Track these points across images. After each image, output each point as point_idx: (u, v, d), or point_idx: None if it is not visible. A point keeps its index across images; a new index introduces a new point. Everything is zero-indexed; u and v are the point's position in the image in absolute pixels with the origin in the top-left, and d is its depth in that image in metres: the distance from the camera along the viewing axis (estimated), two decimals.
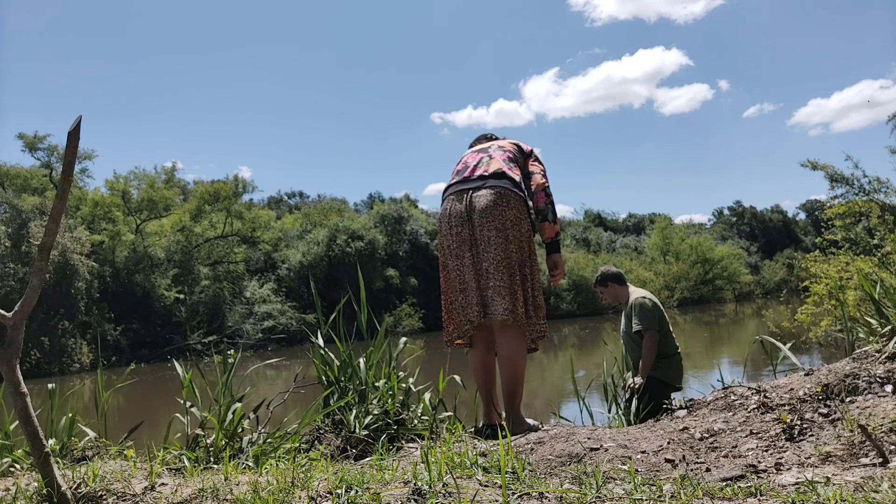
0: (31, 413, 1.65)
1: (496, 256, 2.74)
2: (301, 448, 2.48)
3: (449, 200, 2.93)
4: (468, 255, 2.80)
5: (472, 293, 2.77)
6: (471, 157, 3.06)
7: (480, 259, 2.78)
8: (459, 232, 2.82)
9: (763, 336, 3.22)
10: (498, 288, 2.72)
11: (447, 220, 2.89)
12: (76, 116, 1.61)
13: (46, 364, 20.83)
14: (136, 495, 1.77)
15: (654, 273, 43.49)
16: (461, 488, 1.55)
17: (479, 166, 2.96)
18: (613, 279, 4.67)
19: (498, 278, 2.73)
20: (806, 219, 61.54)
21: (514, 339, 2.77)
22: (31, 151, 27.63)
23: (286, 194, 61.53)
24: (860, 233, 11.38)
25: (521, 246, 2.80)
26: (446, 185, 3.06)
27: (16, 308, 1.68)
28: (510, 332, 2.77)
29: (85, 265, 23.37)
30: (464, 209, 2.84)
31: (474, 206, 2.82)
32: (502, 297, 2.71)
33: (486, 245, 2.76)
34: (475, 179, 2.90)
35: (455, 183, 2.97)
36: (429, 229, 35.87)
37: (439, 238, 2.98)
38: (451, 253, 2.86)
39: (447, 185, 3.03)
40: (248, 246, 31.61)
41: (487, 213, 2.77)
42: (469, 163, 3.01)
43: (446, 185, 3.04)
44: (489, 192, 2.81)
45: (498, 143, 3.16)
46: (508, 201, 2.80)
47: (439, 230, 2.98)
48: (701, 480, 1.69)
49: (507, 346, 2.78)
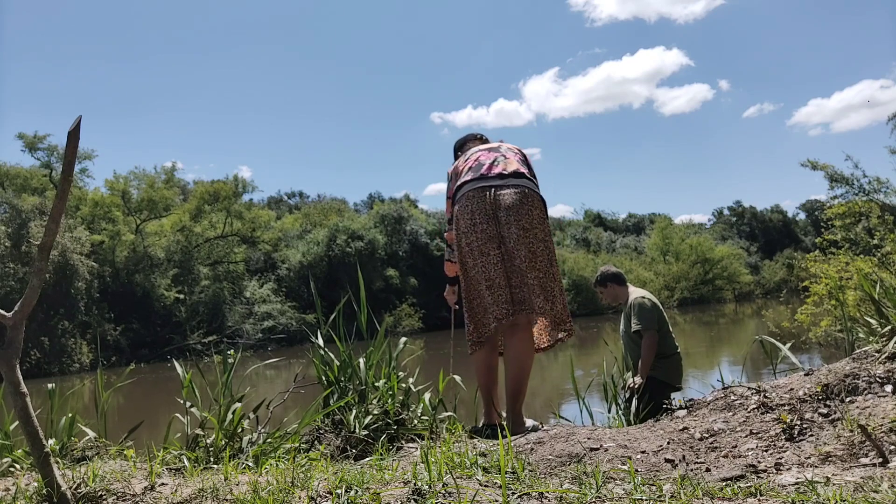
0: (30, 413, 1.65)
1: (528, 254, 2.71)
2: (301, 448, 2.48)
3: (468, 197, 2.85)
4: (495, 252, 2.75)
5: (500, 290, 2.72)
6: (483, 155, 2.99)
7: (511, 256, 2.73)
8: (485, 229, 2.76)
9: (763, 336, 3.22)
10: (532, 286, 2.69)
11: (469, 217, 2.81)
12: (76, 116, 1.61)
13: (46, 364, 20.82)
14: (136, 495, 1.77)
15: (654, 273, 43.50)
16: (461, 488, 1.55)
17: (496, 165, 2.90)
18: (613, 279, 4.67)
19: (532, 276, 2.70)
20: (806, 219, 61.56)
21: (525, 341, 2.77)
22: (31, 151, 27.66)
23: (286, 194, 61.57)
24: (860, 233, 11.38)
25: (547, 245, 2.79)
26: (458, 182, 2.98)
27: (16, 308, 1.68)
28: (522, 333, 2.76)
29: (85, 265, 23.38)
30: (488, 206, 2.78)
31: (500, 204, 2.77)
32: (537, 293, 2.69)
33: (515, 242, 2.72)
34: (494, 177, 2.84)
35: (473, 180, 2.89)
36: (429, 229, 35.88)
37: (457, 235, 2.89)
38: (476, 250, 2.78)
39: (461, 182, 2.94)
40: (247, 246, 31.61)
41: (514, 211, 2.74)
42: (483, 161, 2.94)
43: (460, 182, 2.95)
44: (513, 191, 2.78)
45: (506, 145, 3.11)
46: (533, 201, 2.80)
47: (457, 227, 2.90)
48: (701, 480, 1.69)
49: (518, 346, 2.76)
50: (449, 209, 3.10)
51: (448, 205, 3.11)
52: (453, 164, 3.21)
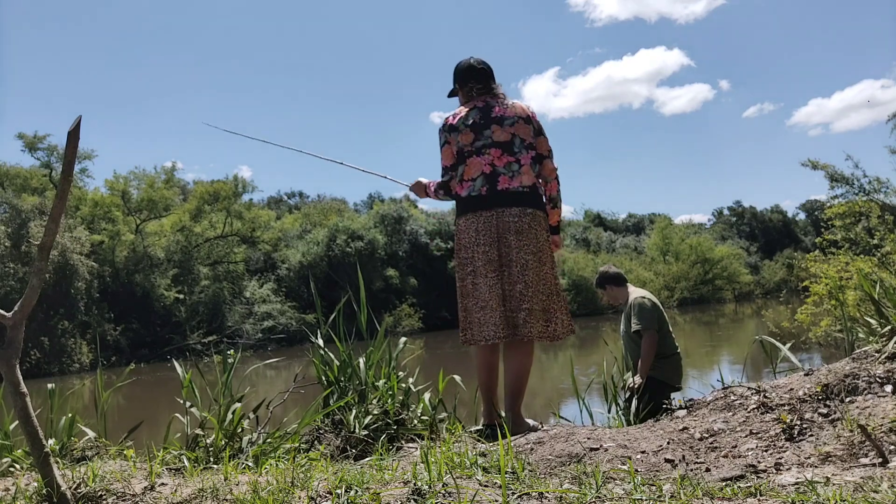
0: (30, 413, 1.65)
1: (533, 279, 2.74)
2: (301, 448, 2.48)
3: (476, 215, 2.79)
4: (493, 275, 2.76)
5: (492, 312, 2.74)
6: (498, 157, 2.83)
7: (513, 281, 2.74)
8: (486, 251, 2.76)
9: (763, 336, 3.22)
10: (531, 311, 2.72)
11: (474, 235, 2.79)
12: (76, 116, 1.61)
13: (46, 364, 20.82)
14: (136, 495, 1.77)
15: (653, 273, 43.48)
16: (461, 488, 1.55)
17: (513, 177, 2.80)
18: (611, 281, 4.67)
19: (534, 301, 2.73)
20: (806, 219, 61.56)
21: (525, 350, 2.83)
22: (30, 151, 27.63)
23: (286, 194, 61.50)
24: (860, 233, 11.39)
25: (552, 265, 2.85)
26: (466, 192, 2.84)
27: (15, 308, 1.68)
28: (525, 347, 2.81)
29: (85, 265, 23.37)
30: (493, 230, 2.77)
31: (509, 228, 2.76)
32: (535, 318, 2.73)
33: (521, 268, 2.74)
34: (507, 196, 2.78)
35: (485, 196, 2.79)
36: (429, 229, 35.88)
37: (457, 245, 2.88)
38: (474, 271, 2.80)
39: (475, 193, 2.82)
40: (247, 246, 31.61)
41: (523, 236, 2.75)
42: (498, 168, 2.81)
43: (467, 194, 2.83)
44: (524, 216, 2.77)
45: (518, 131, 2.87)
46: (540, 223, 2.83)
47: (458, 238, 2.87)
48: (701, 480, 1.69)
49: (519, 354, 2.82)
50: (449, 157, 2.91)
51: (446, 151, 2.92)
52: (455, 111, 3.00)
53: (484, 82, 3.02)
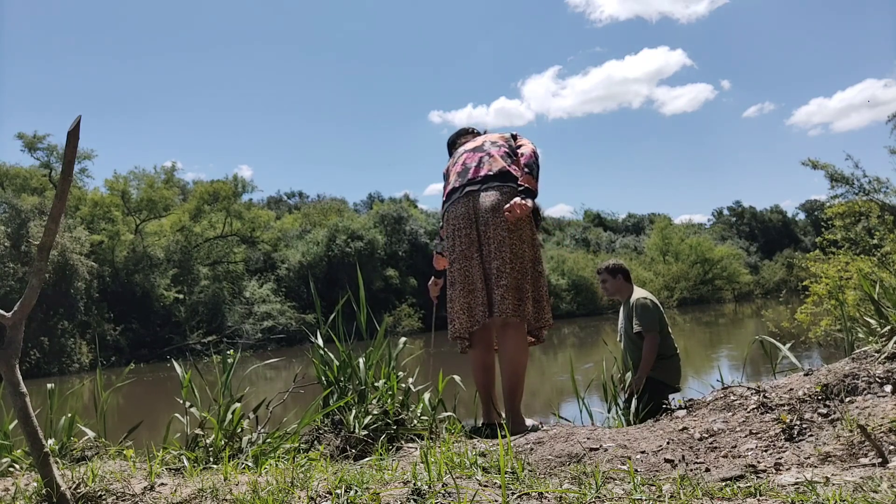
0: (30, 413, 1.65)
1: (508, 255, 2.76)
2: (301, 448, 2.48)
3: (454, 203, 2.94)
4: (475, 256, 2.82)
5: (478, 294, 2.79)
6: (469, 157, 3.06)
7: (491, 258, 2.78)
8: (468, 233, 2.84)
9: (763, 336, 3.21)
10: (507, 287, 2.74)
11: (453, 223, 2.91)
12: (76, 116, 1.61)
13: (46, 364, 20.82)
14: (136, 495, 1.77)
15: (653, 273, 43.50)
16: (461, 488, 1.55)
17: (482, 167, 2.95)
18: (624, 274, 4.69)
19: (509, 277, 2.74)
20: (805, 219, 61.61)
21: (515, 337, 2.79)
22: (30, 151, 27.64)
23: (286, 194, 61.56)
24: (860, 233, 11.39)
25: (532, 244, 2.84)
26: (448, 188, 3.06)
27: (15, 308, 1.68)
28: (511, 330, 2.78)
29: (84, 265, 23.36)
30: (471, 211, 2.85)
31: (481, 206, 2.83)
32: (510, 295, 2.73)
33: (498, 244, 2.77)
34: (478, 181, 2.90)
35: (458, 187, 2.97)
36: (428, 229, 35.87)
37: (445, 240, 3.00)
38: (460, 255, 2.86)
39: (450, 189, 3.02)
40: (247, 246, 31.61)
41: (496, 212, 2.79)
42: (469, 164, 3.01)
43: (449, 189, 3.04)
44: (496, 192, 2.84)
45: (489, 138, 3.14)
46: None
47: (444, 233, 3.01)
48: (700, 480, 1.69)
49: (509, 343, 2.79)
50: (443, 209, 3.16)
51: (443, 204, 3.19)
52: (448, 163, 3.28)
53: (462, 136, 3.43)
